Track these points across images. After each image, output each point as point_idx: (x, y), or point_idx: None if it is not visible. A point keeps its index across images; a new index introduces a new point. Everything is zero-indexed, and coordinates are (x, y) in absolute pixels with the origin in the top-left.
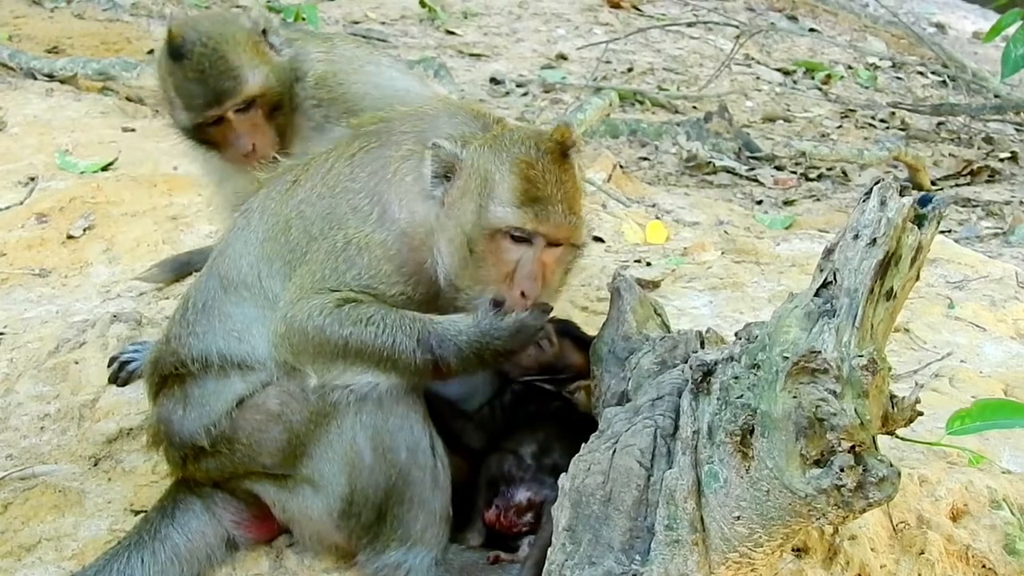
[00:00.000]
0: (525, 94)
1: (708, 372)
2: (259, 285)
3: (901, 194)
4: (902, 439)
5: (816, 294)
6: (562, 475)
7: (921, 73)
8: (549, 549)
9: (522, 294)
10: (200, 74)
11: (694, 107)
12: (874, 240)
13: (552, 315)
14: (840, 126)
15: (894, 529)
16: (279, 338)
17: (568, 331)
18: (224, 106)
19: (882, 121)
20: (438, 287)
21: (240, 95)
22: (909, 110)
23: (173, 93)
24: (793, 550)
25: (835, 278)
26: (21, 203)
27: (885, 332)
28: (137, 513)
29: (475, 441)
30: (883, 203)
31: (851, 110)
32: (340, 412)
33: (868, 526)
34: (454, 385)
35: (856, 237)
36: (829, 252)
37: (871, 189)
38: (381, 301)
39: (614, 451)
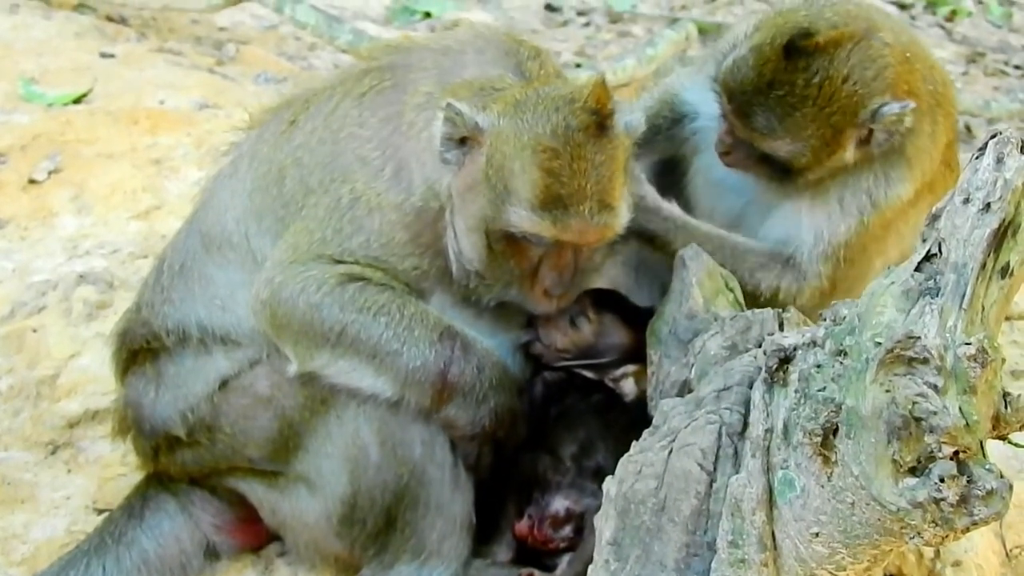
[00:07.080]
0: (587, 24)
1: (785, 359)
2: (246, 245)
3: (1022, 151)
4: (1016, 445)
5: (917, 268)
6: (607, 479)
7: None
8: (590, 567)
9: (546, 292)
10: (778, 88)
11: None
12: (988, 205)
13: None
14: (965, 72)
15: (1007, 555)
16: (259, 304)
17: (610, 303)
18: (748, 133)
19: (1016, 67)
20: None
21: (772, 148)
22: None
23: (735, 51)
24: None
25: (940, 250)
26: None
27: (999, 316)
28: (100, 512)
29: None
30: (999, 161)
31: (979, 53)
32: (341, 398)
33: (976, 550)
34: None
35: (966, 201)
36: (934, 218)
37: (986, 144)
38: (391, 276)
39: (670, 451)
